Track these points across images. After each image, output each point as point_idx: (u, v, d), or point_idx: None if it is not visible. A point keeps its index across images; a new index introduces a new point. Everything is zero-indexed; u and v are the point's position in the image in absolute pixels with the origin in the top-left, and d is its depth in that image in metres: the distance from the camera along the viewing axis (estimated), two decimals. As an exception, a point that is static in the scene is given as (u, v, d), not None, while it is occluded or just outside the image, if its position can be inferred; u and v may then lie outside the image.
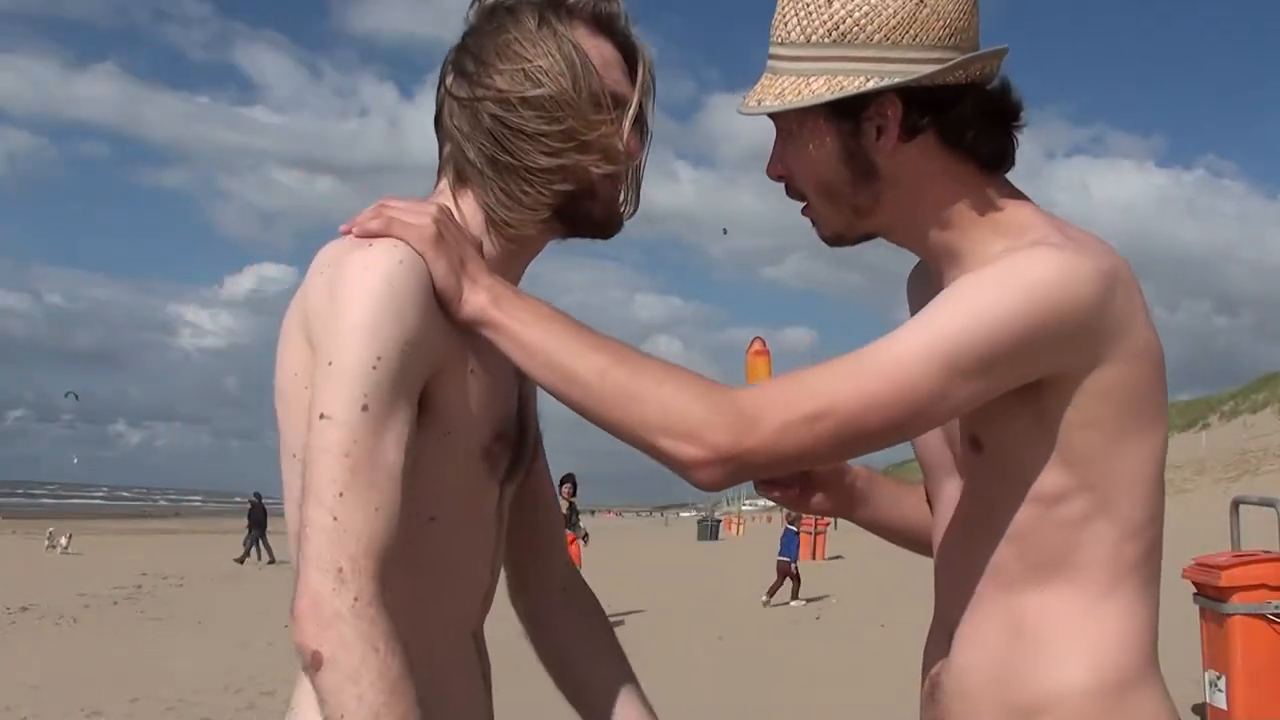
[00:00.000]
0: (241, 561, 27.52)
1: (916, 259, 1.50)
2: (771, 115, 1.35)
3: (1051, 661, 1.31)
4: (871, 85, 1.27)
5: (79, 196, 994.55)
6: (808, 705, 8.63)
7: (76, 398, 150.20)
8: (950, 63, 1.28)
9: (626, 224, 1.49)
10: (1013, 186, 1.38)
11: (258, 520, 29.03)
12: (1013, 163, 1.37)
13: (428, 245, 1.28)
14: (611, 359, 1.25)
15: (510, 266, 1.44)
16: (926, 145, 1.32)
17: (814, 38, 1.29)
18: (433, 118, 1.44)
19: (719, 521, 53.84)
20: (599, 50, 1.41)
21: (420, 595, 1.33)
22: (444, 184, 1.44)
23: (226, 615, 15.04)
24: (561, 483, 13.69)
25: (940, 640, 1.44)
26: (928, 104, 1.29)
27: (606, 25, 1.43)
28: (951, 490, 1.43)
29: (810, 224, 1.40)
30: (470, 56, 1.40)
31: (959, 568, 1.40)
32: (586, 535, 14.44)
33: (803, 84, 1.30)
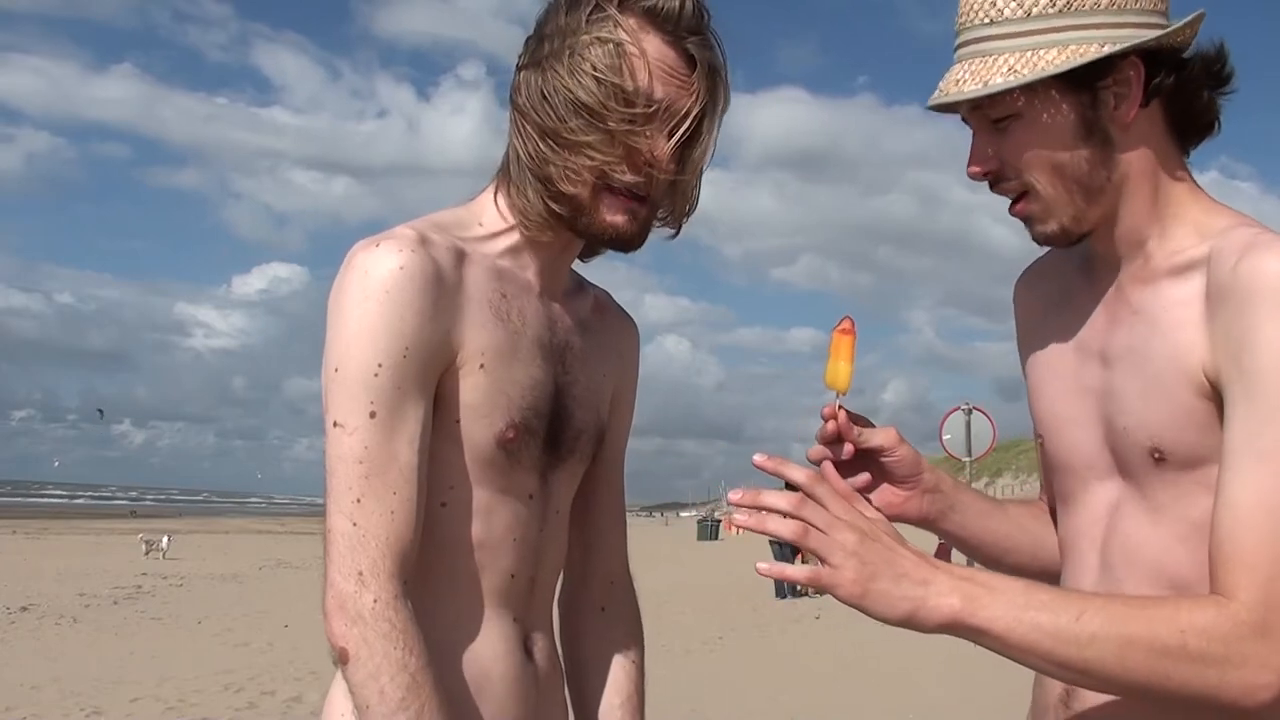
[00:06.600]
0: None
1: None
2: (980, 105, 1.28)
3: None
4: (1110, 49, 1.23)
5: (96, 197, 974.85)
6: (808, 705, 8.64)
7: (102, 414, 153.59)
8: (1177, 24, 1.26)
9: None
10: None
11: None
12: (1219, 129, 1.34)
13: (853, 569, 1.21)
14: (1116, 643, 1.14)
15: (551, 264, 1.45)
16: (1151, 115, 1.29)
17: (1034, 10, 1.25)
18: None
19: (719, 522, 53.71)
20: (650, 46, 1.32)
21: (433, 574, 1.35)
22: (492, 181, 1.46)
23: (226, 615, 14.94)
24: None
25: None
26: (1168, 66, 1.26)
27: (664, 21, 1.32)
28: (1101, 495, 1.36)
29: (1023, 223, 1.33)
30: (526, 53, 1.38)
31: (1115, 575, 1.32)
32: None
33: (1032, 57, 1.24)
